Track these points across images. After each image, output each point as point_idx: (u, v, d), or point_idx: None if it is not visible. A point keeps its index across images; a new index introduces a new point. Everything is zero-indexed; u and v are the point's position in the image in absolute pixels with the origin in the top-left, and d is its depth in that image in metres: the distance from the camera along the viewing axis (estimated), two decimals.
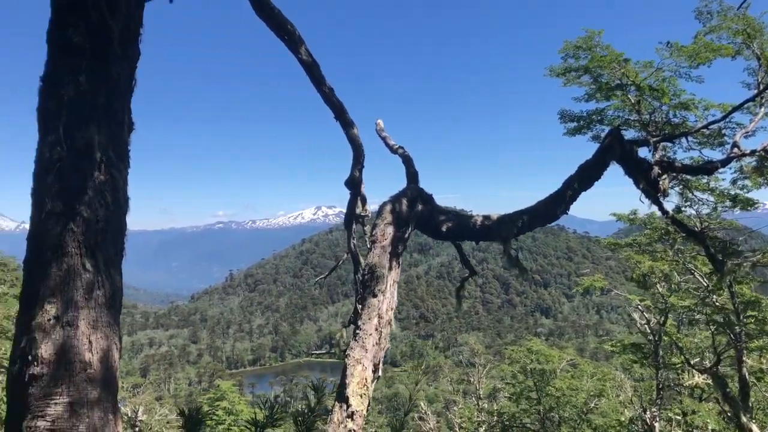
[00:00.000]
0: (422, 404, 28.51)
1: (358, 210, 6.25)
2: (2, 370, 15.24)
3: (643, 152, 6.34)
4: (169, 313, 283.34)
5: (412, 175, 5.64)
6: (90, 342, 3.35)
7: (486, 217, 5.19)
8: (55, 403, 3.21)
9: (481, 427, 26.16)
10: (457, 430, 27.83)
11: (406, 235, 4.92)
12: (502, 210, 5.39)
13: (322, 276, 8.36)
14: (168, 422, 25.01)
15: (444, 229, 5.16)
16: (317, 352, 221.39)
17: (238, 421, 20.80)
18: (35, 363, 3.26)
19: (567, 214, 5.25)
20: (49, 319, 3.30)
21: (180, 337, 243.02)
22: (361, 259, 5.98)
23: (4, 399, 14.33)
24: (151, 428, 21.07)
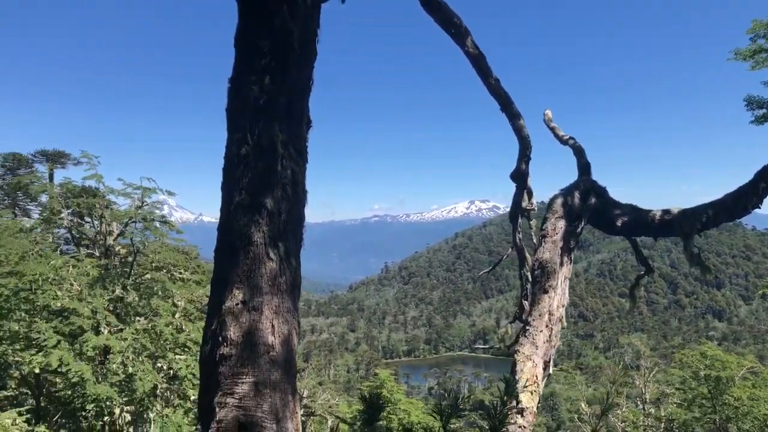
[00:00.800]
0: (583, 405, 27.44)
1: (524, 203, 6.08)
2: (186, 349, 16.67)
3: None
4: (329, 301, 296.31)
5: (583, 167, 5.38)
6: (273, 326, 3.55)
7: (666, 212, 4.82)
8: (242, 382, 3.43)
9: None
10: None
11: (579, 230, 4.72)
12: (667, 205, 5.02)
13: (485, 270, 8.24)
14: (330, 406, 26.12)
15: (619, 223, 4.88)
16: (480, 347, 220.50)
17: (396, 409, 21.29)
18: (225, 344, 3.52)
19: (759, 208, 4.75)
20: (237, 304, 3.54)
21: (339, 325, 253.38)
22: (527, 254, 5.85)
23: (188, 377, 15.71)
24: (314, 411, 22.14)
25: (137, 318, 16.94)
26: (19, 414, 14.83)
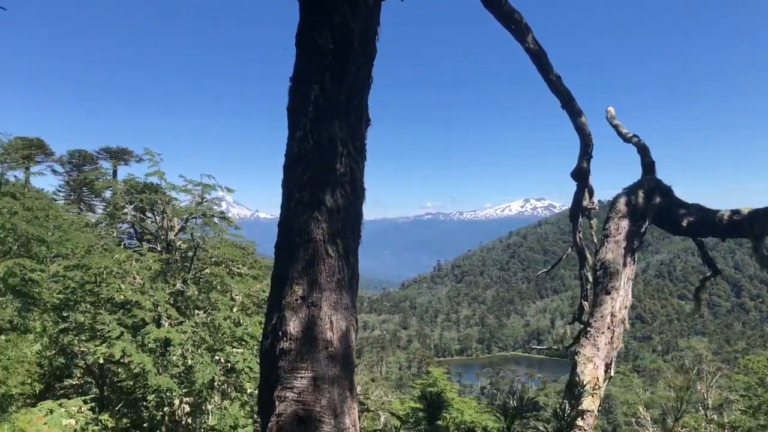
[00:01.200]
0: (640, 409, 26.76)
1: (585, 202, 5.94)
2: (243, 343, 17.00)
3: None
4: (381, 298, 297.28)
5: (648, 166, 5.23)
6: (331, 322, 3.60)
7: (735, 212, 4.63)
8: (301, 377, 3.49)
9: None
10: None
11: (643, 230, 4.60)
12: (735, 205, 4.81)
13: (544, 270, 8.11)
14: (382, 403, 26.22)
15: (684, 223, 4.73)
16: (537, 347, 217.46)
17: (449, 408, 21.13)
18: (284, 338, 3.58)
19: None
20: (296, 299, 3.59)
21: (391, 323, 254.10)
22: (588, 254, 5.73)
23: (245, 370, 15.99)
24: (367, 407, 22.26)
25: (197, 311, 17.36)
26: (84, 402, 15.42)
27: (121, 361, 15.49)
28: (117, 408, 17.07)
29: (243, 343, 17.05)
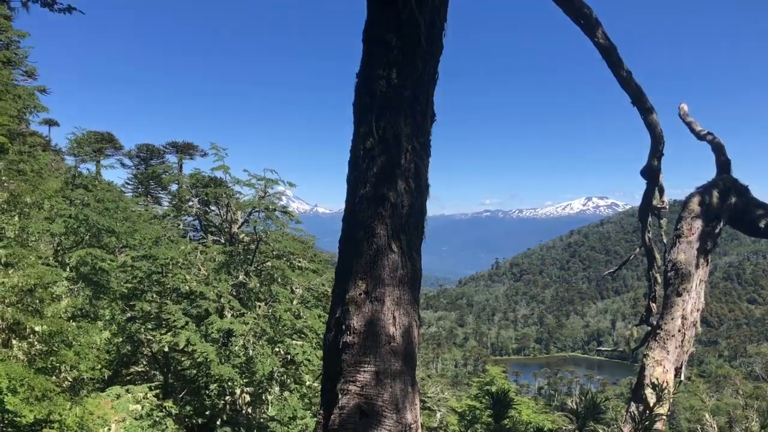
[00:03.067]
0: (707, 416, 25.85)
1: (655, 201, 5.76)
2: (303, 335, 17.24)
3: None
4: (438, 295, 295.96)
5: (723, 164, 5.03)
6: (394, 317, 3.61)
7: None
8: (364, 371, 3.52)
9: None
10: None
11: (717, 230, 4.44)
12: None
13: (610, 270, 7.91)
14: (438, 400, 26.17)
15: (762, 224, 4.52)
16: (603, 349, 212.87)
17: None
18: (348, 332, 3.62)
19: None
20: (360, 294, 3.62)
21: (447, 320, 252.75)
22: (657, 254, 5.56)
23: (304, 362, 16.20)
24: (425, 404, 22.24)
25: (258, 303, 17.68)
26: (150, 389, 15.94)
27: (185, 350, 15.93)
28: (180, 395, 17.56)
29: (303, 335, 17.28)
